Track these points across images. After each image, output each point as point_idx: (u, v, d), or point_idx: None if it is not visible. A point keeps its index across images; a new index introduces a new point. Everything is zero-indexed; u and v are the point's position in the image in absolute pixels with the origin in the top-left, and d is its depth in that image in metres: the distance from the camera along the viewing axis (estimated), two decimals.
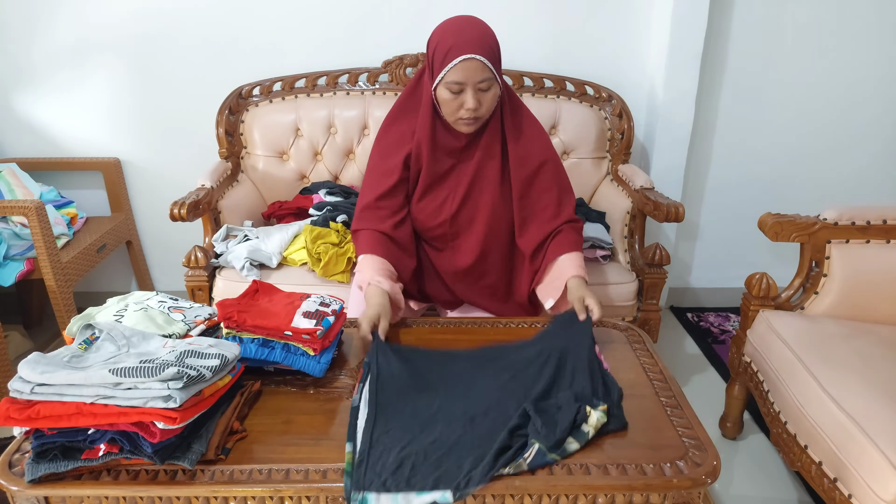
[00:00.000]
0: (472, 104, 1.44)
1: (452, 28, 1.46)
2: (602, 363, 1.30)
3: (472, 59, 1.40)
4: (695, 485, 1.02)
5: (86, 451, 1.01)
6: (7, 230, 2.18)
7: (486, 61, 1.41)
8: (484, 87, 1.44)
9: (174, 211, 1.87)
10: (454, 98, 1.45)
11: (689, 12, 2.28)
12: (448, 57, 1.42)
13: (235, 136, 2.37)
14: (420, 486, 0.98)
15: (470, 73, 1.41)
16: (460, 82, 1.42)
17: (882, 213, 1.76)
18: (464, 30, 1.45)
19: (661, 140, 2.48)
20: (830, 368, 1.48)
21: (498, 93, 1.49)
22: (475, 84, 1.43)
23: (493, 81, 1.45)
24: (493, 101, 1.48)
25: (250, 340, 1.25)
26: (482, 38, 1.44)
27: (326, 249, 1.90)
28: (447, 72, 1.42)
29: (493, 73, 1.44)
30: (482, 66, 1.41)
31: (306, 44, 2.44)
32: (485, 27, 1.48)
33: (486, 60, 1.41)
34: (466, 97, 1.44)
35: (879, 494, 1.20)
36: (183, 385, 0.97)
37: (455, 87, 1.43)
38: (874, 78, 2.54)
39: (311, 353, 1.26)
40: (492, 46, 1.45)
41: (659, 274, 1.98)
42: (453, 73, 1.42)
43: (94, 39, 2.42)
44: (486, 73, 1.42)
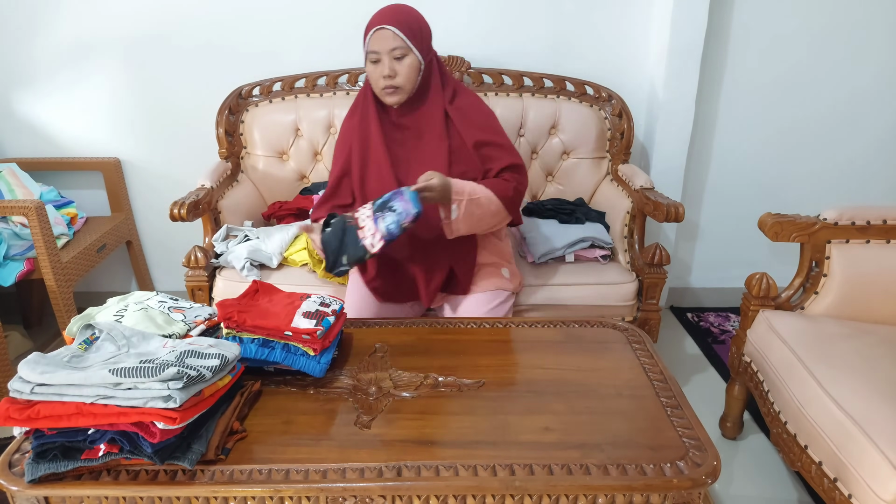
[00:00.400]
0: (387, 70, 1.58)
1: (378, 10, 1.63)
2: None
3: (383, 29, 1.57)
4: (695, 485, 1.02)
5: (86, 451, 1.01)
6: (7, 230, 2.18)
7: (396, 31, 1.56)
8: (397, 55, 1.59)
9: (174, 211, 1.87)
10: (374, 68, 1.61)
11: (689, 12, 2.28)
12: (367, 30, 1.60)
13: (235, 136, 2.37)
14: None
15: (382, 42, 1.58)
16: (376, 51, 1.59)
17: (882, 213, 1.76)
18: (384, 9, 1.62)
19: (661, 140, 2.48)
20: (830, 368, 1.48)
21: (417, 64, 1.61)
22: (389, 52, 1.58)
23: (406, 50, 1.59)
24: (409, 71, 1.61)
25: (250, 340, 1.26)
26: (397, 12, 1.61)
27: None
28: (367, 44, 1.60)
29: (404, 42, 1.58)
30: (392, 34, 1.57)
31: (306, 44, 2.44)
32: (406, 7, 1.64)
33: (396, 30, 1.56)
34: (382, 65, 1.59)
35: (879, 494, 1.20)
36: (183, 385, 0.97)
37: (373, 56, 1.60)
38: (874, 78, 2.54)
39: (311, 354, 1.26)
40: (408, 22, 1.60)
41: (659, 274, 1.98)
42: (370, 44, 1.60)
43: (95, 39, 2.43)
44: (397, 41, 1.57)
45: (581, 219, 2.15)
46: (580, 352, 1.42)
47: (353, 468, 1.04)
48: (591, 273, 2.02)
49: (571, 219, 2.15)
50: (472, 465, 1.04)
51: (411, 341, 1.48)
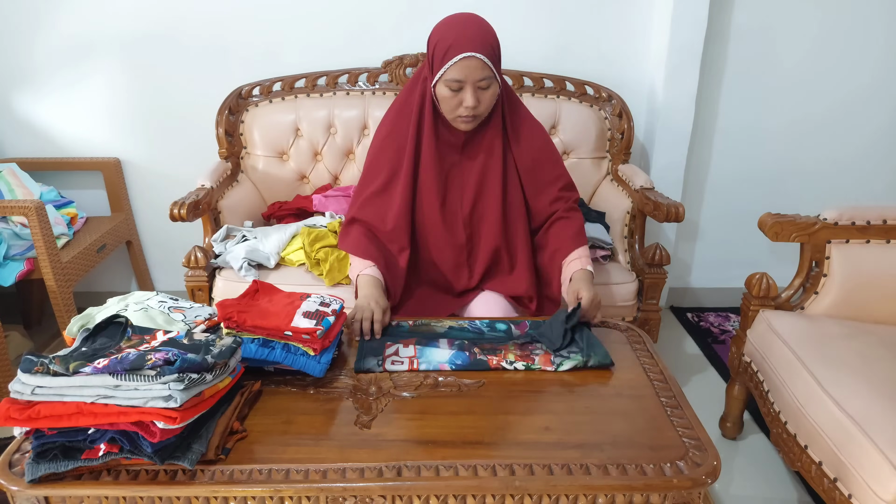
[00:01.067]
0: (472, 102, 1.45)
1: (454, 25, 1.47)
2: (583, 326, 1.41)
3: (472, 58, 1.41)
4: (695, 485, 1.02)
5: (86, 450, 1.01)
6: (7, 230, 2.18)
7: (486, 59, 1.42)
8: (483, 86, 1.46)
9: (174, 211, 1.87)
10: (453, 95, 1.46)
11: (689, 12, 2.28)
12: (448, 54, 1.43)
13: (235, 136, 2.37)
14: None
15: (470, 71, 1.42)
16: (460, 80, 1.44)
17: (882, 213, 1.76)
18: (465, 27, 1.46)
19: (661, 140, 2.48)
20: (830, 368, 1.48)
21: (497, 91, 1.51)
22: (475, 82, 1.44)
23: (492, 80, 1.46)
24: (491, 100, 1.50)
25: (250, 340, 1.25)
26: (483, 36, 1.45)
27: (326, 255, 1.90)
28: (447, 69, 1.44)
29: (492, 72, 1.45)
30: (482, 64, 1.42)
31: (306, 44, 2.44)
32: (486, 25, 1.50)
33: (485, 59, 1.42)
34: (466, 95, 1.45)
35: (879, 494, 1.20)
36: (184, 386, 0.97)
37: (455, 84, 1.45)
38: (874, 78, 2.55)
39: (311, 353, 1.26)
40: (492, 45, 1.46)
41: (659, 274, 1.98)
42: (453, 71, 1.43)
43: (95, 39, 2.43)
44: (485, 71, 1.43)
45: None
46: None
47: (353, 468, 1.04)
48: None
49: None
50: (472, 465, 1.04)
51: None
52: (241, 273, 1.92)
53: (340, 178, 2.41)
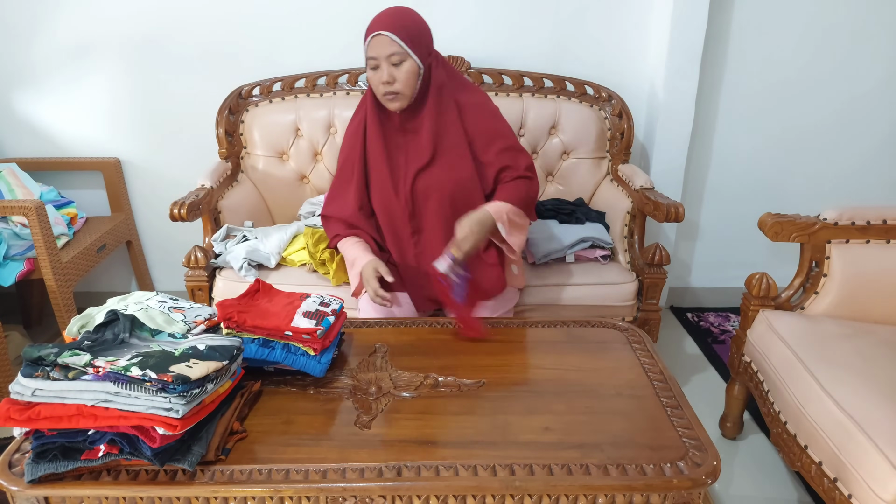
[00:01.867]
0: (385, 77, 1.57)
1: (377, 14, 1.60)
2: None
3: (380, 35, 1.55)
4: (695, 485, 1.02)
5: (85, 451, 1.01)
6: (7, 230, 2.18)
7: (393, 36, 1.54)
8: (395, 61, 1.56)
9: (174, 211, 1.87)
10: (374, 74, 1.60)
11: (689, 12, 2.28)
12: (366, 36, 1.58)
13: (235, 136, 2.36)
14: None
15: (380, 47, 1.55)
16: (374, 57, 1.57)
17: (882, 213, 1.76)
18: (382, 13, 1.59)
19: (661, 140, 2.48)
20: (830, 368, 1.48)
21: (415, 69, 1.59)
22: (386, 58, 1.56)
23: (404, 55, 1.56)
24: (408, 77, 1.58)
25: (250, 340, 1.25)
26: (395, 17, 1.58)
27: (331, 255, 1.90)
28: (365, 50, 1.59)
29: (402, 48, 1.55)
30: (389, 40, 1.54)
31: (306, 44, 2.44)
32: (406, 10, 1.61)
33: (393, 35, 1.54)
34: (381, 71, 1.57)
35: (879, 494, 1.20)
36: (186, 401, 0.97)
37: (372, 62, 1.59)
38: (874, 77, 2.54)
39: (311, 353, 1.26)
40: (406, 25, 1.57)
41: (659, 274, 1.98)
42: (368, 50, 1.58)
43: (95, 39, 2.42)
44: (394, 47, 1.55)
45: (581, 219, 2.15)
46: (580, 352, 1.42)
47: (353, 468, 1.04)
48: (592, 273, 2.02)
49: (571, 219, 2.15)
50: (472, 465, 1.04)
51: (411, 341, 1.48)
52: (242, 273, 1.93)
53: None
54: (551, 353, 1.43)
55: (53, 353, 0.99)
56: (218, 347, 1.09)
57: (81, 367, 0.99)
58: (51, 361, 0.99)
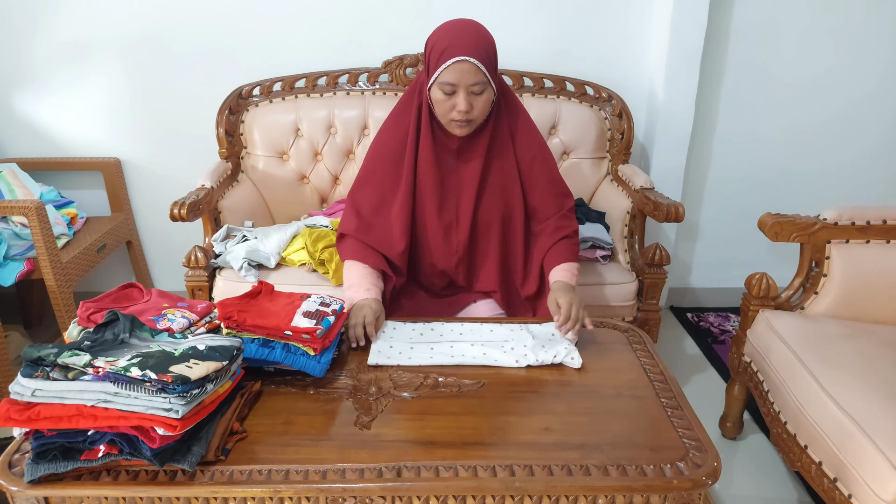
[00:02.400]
0: (464, 106, 1.44)
1: (451, 29, 1.47)
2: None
3: (465, 62, 1.41)
4: (695, 486, 1.02)
5: (85, 451, 1.01)
6: (7, 230, 2.18)
7: (479, 64, 1.42)
8: (477, 91, 1.45)
9: (174, 211, 1.87)
10: (447, 99, 1.46)
11: (689, 13, 2.28)
12: (443, 57, 1.43)
13: (235, 136, 2.36)
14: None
15: (463, 74, 1.42)
16: (453, 83, 1.43)
17: (882, 213, 1.76)
18: (461, 32, 1.46)
19: (661, 140, 2.48)
20: (830, 368, 1.48)
21: (491, 97, 1.50)
22: (468, 86, 1.43)
23: (486, 85, 1.45)
24: (485, 105, 1.49)
25: (250, 340, 1.25)
26: (478, 41, 1.45)
27: (331, 255, 1.90)
28: (441, 72, 1.43)
29: (486, 77, 1.44)
30: (475, 68, 1.42)
31: (306, 44, 2.44)
32: (483, 31, 1.49)
33: (479, 63, 1.42)
34: (459, 99, 1.44)
35: (879, 494, 1.20)
36: (185, 402, 0.97)
37: (448, 87, 1.44)
38: (875, 79, 2.54)
39: (311, 353, 1.26)
40: (487, 51, 1.45)
41: (659, 274, 1.98)
42: (447, 74, 1.43)
43: (95, 39, 2.42)
44: (479, 76, 1.43)
45: (581, 219, 2.15)
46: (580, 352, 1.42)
47: (353, 469, 1.04)
48: (592, 273, 2.01)
49: None
50: (471, 466, 1.04)
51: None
52: (242, 273, 1.92)
53: (340, 178, 2.41)
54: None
55: (53, 354, 0.99)
56: (218, 348, 1.09)
57: (81, 367, 0.99)
58: (51, 362, 0.99)
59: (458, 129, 1.51)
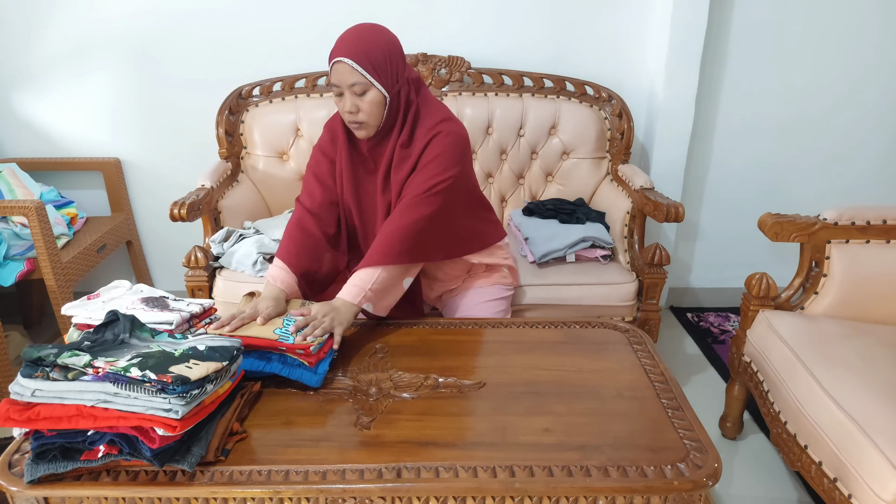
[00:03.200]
0: (348, 107, 1.45)
1: (343, 34, 1.47)
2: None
3: (340, 62, 1.42)
4: (696, 487, 1.02)
5: (85, 452, 1.01)
6: (7, 230, 2.18)
7: (353, 64, 1.41)
8: (357, 91, 1.44)
9: (174, 211, 1.87)
10: (339, 101, 1.48)
11: (689, 12, 2.28)
12: (329, 60, 1.46)
13: (235, 137, 2.36)
14: None
15: (341, 76, 1.43)
16: (336, 85, 1.46)
17: (882, 213, 1.76)
18: (347, 35, 1.46)
19: (661, 140, 2.48)
20: (830, 368, 1.48)
21: (379, 99, 1.46)
22: (349, 87, 1.44)
23: (367, 86, 1.43)
24: (372, 107, 1.46)
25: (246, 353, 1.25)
26: (357, 42, 1.43)
27: None
28: (330, 74, 1.47)
29: (365, 78, 1.42)
30: (350, 69, 1.41)
31: (306, 44, 2.44)
32: (372, 32, 1.47)
33: (353, 63, 1.41)
34: (345, 100, 1.46)
35: (879, 494, 1.20)
36: (185, 402, 0.97)
37: (335, 89, 1.47)
38: (874, 78, 2.54)
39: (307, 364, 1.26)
40: (368, 52, 1.42)
41: (659, 274, 1.98)
42: (331, 76, 1.46)
43: (95, 39, 2.42)
44: (355, 76, 1.42)
45: (581, 219, 2.15)
46: (580, 352, 1.42)
47: (353, 469, 1.04)
48: (592, 273, 2.02)
49: (572, 219, 2.16)
50: (471, 467, 1.04)
51: (412, 342, 1.48)
52: (256, 269, 1.92)
53: None
54: (551, 353, 1.43)
55: (53, 354, 0.99)
56: (218, 348, 1.09)
57: (81, 367, 0.99)
58: (50, 362, 0.99)
59: (356, 130, 1.52)
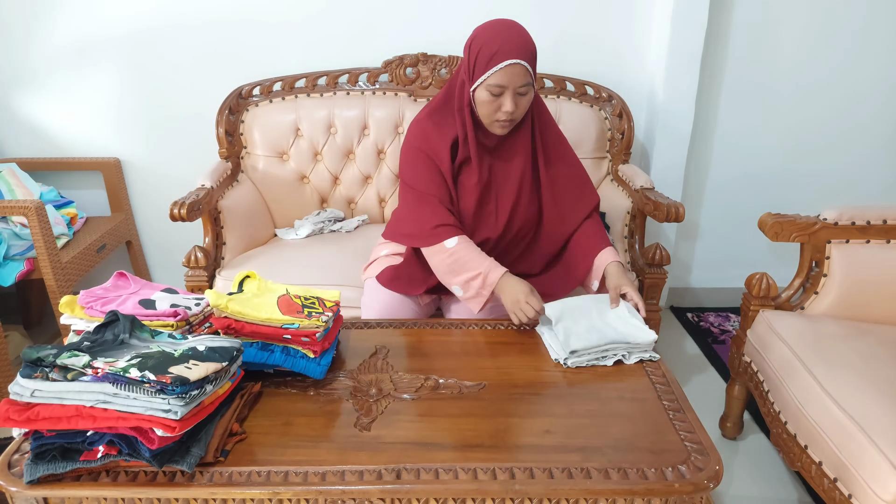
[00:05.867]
0: (511, 107, 1.47)
1: (497, 32, 1.48)
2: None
3: (516, 65, 1.44)
4: (697, 489, 1.01)
5: (84, 452, 1.01)
6: (7, 230, 2.17)
7: (529, 67, 1.46)
8: (523, 92, 1.48)
9: (174, 211, 1.87)
10: (493, 100, 1.48)
11: (689, 12, 2.28)
12: (493, 60, 1.44)
13: (235, 136, 2.36)
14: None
15: (513, 77, 1.45)
16: (502, 86, 1.46)
17: (882, 213, 1.75)
18: (509, 34, 1.47)
19: (661, 140, 2.48)
20: (830, 368, 1.48)
21: (532, 97, 1.53)
22: (516, 88, 1.46)
23: (531, 87, 1.49)
24: (527, 105, 1.52)
25: (249, 344, 1.25)
26: (526, 44, 1.47)
27: None
28: (491, 75, 1.45)
29: (532, 79, 1.48)
30: (525, 71, 1.45)
31: (306, 44, 2.44)
32: (526, 33, 1.51)
33: (528, 66, 1.46)
34: (506, 100, 1.47)
35: (879, 494, 1.20)
36: (184, 403, 0.97)
37: (496, 89, 1.46)
38: (873, 78, 2.54)
39: (310, 356, 1.26)
40: (533, 52, 1.48)
41: (659, 274, 1.98)
42: (497, 77, 1.45)
43: (95, 39, 2.42)
44: (527, 78, 1.46)
45: None
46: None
47: (352, 470, 1.04)
48: None
49: None
50: (471, 469, 1.04)
51: (412, 343, 1.48)
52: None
53: (340, 178, 2.41)
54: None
55: (52, 355, 0.99)
56: (217, 349, 1.09)
57: (80, 368, 0.99)
58: (50, 362, 0.99)
59: (501, 128, 1.54)
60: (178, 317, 1.24)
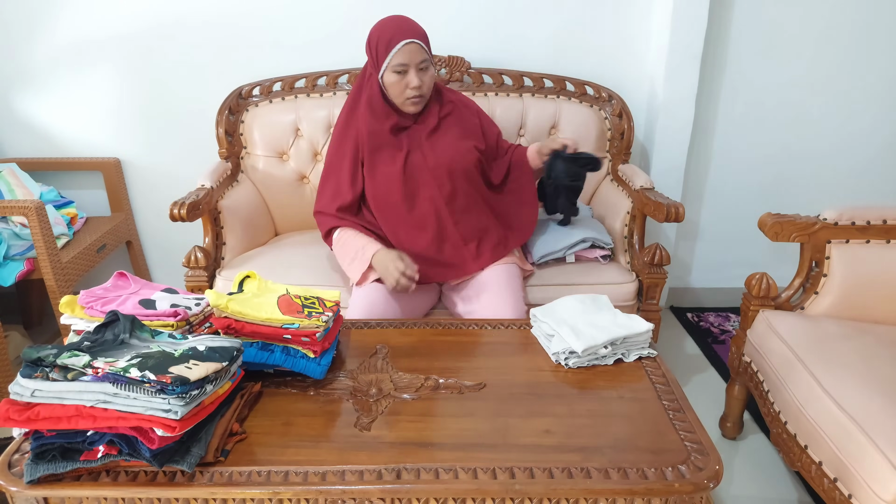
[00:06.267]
0: (417, 82, 1.71)
1: (388, 22, 1.75)
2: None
3: (412, 43, 1.69)
4: (697, 489, 1.01)
5: (84, 452, 1.01)
6: (7, 230, 2.17)
7: (422, 45, 1.71)
8: (423, 67, 1.72)
9: (174, 211, 1.87)
10: (400, 79, 1.72)
11: (689, 12, 2.28)
12: (391, 44, 1.69)
13: (235, 136, 2.36)
14: None
15: (412, 54, 1.69)
16: (404, 63, 1.70)
17: (882, 213, 1.75)
18: (398, 22, 1.73)
19: (661, 140, 2.48)
20: (830, 368, 1.48)
21: (434, 73, 1.78)
22: (417, 64, 1.70)
23: (429, 63, 1.74)
24: (431, 81, 1.77)
25: (249, 344, 1.25)
26: (415, 26, 1.73)
27: None
28: (392, 56, 1.69)
29: (428, 55, 1.72)
30: (420, 48, 1.70)
31: (306, 44, 2.44)
32: (413, 21, 1.76)
33: (422, 44, 1.71)
34: (411, 76, 1.71)
35: (879, 494, 1.20)
36: (184, 403, 0.97)
37: (400, 68, 1.70)
38: (873, 78, 2.54)
39: (311, 356, 1.26)
40: (423, 34, 1.73)
41: (659, 274, 1.98)
42: (398, 56, 1.69)
43: (95, 39, 2.42)
44: (423, 54, 1.71)
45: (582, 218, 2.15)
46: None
47: (353, 470, 1.04)
48: (592, 273, 2.01)
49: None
50: (471, 468, 1.04)
51: (412, 342, 1.48)
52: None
53: None
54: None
55: (52, 354, 0.99)
56: (218, 349, 1.09)
57: (80, 368, 0.99)
58: (50, 362, 0.99)
59: (413, 105, 1.77)
60: (179, 317, 1.24)
